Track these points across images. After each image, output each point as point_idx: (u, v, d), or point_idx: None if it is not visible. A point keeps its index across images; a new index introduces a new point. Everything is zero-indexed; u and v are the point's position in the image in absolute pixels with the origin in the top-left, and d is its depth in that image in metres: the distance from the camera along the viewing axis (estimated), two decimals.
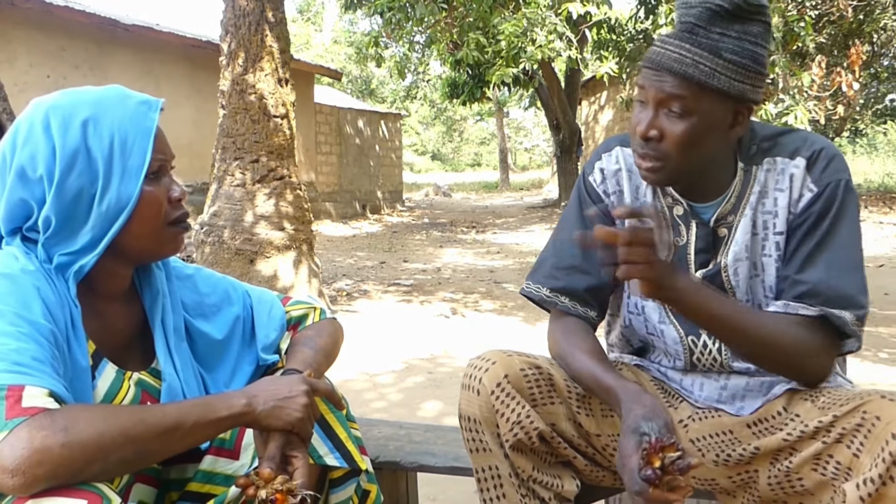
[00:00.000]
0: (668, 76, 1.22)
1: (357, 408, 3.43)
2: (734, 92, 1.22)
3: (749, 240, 1.33)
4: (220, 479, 1.25)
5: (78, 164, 1.06)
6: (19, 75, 8.33)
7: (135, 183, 1.08)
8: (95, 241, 1.08)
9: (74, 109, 1.07)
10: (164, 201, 1.13)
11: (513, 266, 8.63)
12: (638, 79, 1.29)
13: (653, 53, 1.25)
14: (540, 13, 9.41)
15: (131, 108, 1.11)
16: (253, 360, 1.37)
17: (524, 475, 1.33)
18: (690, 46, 1.21)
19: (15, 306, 0.98)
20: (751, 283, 1.34)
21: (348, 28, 32.40)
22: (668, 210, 1.39)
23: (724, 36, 1.21)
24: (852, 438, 1.14)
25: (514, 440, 1.30)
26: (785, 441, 1.25)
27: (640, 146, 1.28)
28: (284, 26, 5.64)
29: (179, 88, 10.62)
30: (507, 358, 1.35)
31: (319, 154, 14.69)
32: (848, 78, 8.24)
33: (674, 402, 1.46)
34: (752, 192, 1.33)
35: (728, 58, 1.20)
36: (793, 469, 1.25)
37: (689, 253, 1.37)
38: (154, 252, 1.18)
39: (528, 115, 39.87)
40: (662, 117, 1.24)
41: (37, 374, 0.93)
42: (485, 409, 1.31)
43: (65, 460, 0.88)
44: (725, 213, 1.34)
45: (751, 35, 1.22)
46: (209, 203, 5.56)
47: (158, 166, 1.13)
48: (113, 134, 1.07)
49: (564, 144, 16.05)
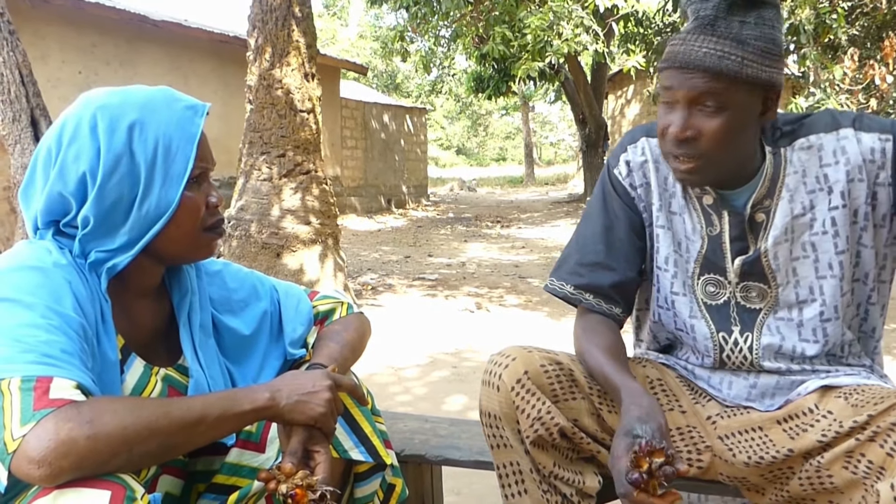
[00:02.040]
0: (698, 73, 1.20)
1: (382, 401, 3.44)
2: (764, 79, 1.20)
3: (791, 222, 1.30)
4: (246, 471, 1.26)
5: (121, 168, 1.06)
6: (52, 72, 8.46)
7: (176, 189, 1.09)
8: (132, 243, 1.09)
9: (122, 111, 1.07)
10: (203, 207, 1.14)
11: (538, 261, 8.59)
12: (661, 81, 1.27)
13: (676, 52, 1.22)
14: (566, 6, 9.34)
15: (178, 113, 1.11)
16: (280, 355, 1.37)
17: (545, 471, 1.32)
18: (716, 39, 1.19)
19: (46, 299, 0.99)
20: (794, 265, 1.31)
21: (374, 23, 32.43)
22: (697, 200, 1.36)
23: (744, 24, 1.20)
24: (886, 437, 1.12)
25: (534, 436, 1.29)
26: (819, 442, 1.23)
27: (674, 148, 1.25)
28: (311, 21, 5.65)
29: (207, 83, 10.71)
30: (527, 354, 1.34)
31: (345, 148, 14.74)
32: (881, 71, 8.07)
33: (701, 399, 1.44)
34: (788, 174, 1.30)
35: (753, 45, 1.19)
36: (823, 465, 1.23)
37: (723, 242, 1.34)
38: (188, 256, 1.18)
39: (553, 110, 39.72)
40: (696, 115, 1.22)
41: (65, 367, 0.94)
42: (505, 406, 1.31)
43: (90, 452, 0.89)
44: (761, 198, 1.31)
45: (767, 19, 1.21)
46: (236, 197, 5.61)
47: (199, 173, 1.13)
48: (158, 139, 1.08)
49: (590, 139, 15.94)
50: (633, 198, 1.43)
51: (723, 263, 1.35)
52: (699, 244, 1.37)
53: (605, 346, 1.35)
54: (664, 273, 1.42)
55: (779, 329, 1.33)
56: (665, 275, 1.42)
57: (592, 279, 1.42)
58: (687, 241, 1.38)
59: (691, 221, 1.37)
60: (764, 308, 1.34)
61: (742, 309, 1.36)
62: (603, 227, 1.44)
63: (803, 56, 7.83)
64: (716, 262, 1.35)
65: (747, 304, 1.35)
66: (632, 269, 1.43)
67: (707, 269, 1.37)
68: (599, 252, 1.42)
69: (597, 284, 1.42)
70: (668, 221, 1.40)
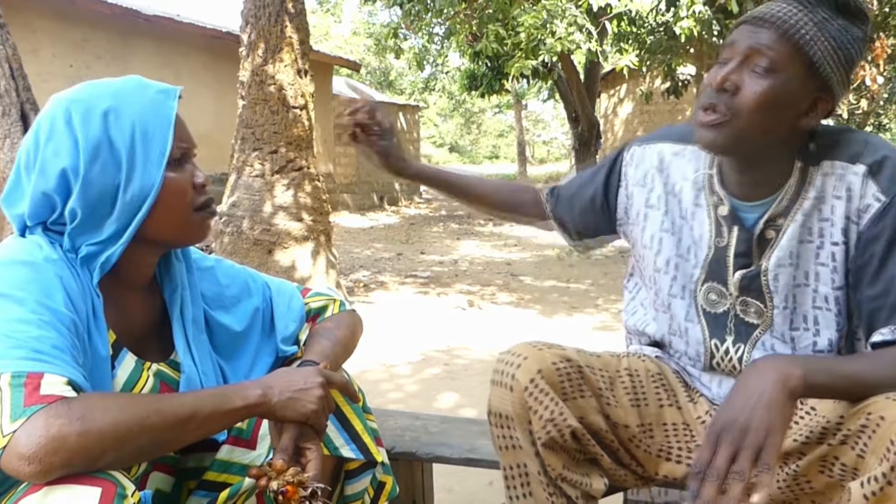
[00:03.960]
0: (767, 29, 1.18)
1: (374, 398, 3.43)
2: (823, 71, 1.18)
3: (797, 246, 1.27)
4: (237, 468, 1.26)
5: (101, 156, 1.06)
6: (43, 66, 8.40)
7: (157, 170, 1.09)
8: (121, 231, 1.08)
9: (95, 101, 1.08)
10: (189, 187, 1.14)
11: (530, 259, 8.60)
12: (727, 41, 1.24)
13: (757, 11, 1.21)
14: (560, 5, 9.33)
15: (150, 97, 1.11)
16: (272, 352, 1.37)
17: (553, 473, 1.30)
18: (798, 12, 1.18)
19: (37, 294, 0.98)
20: (795, 292, 1.29)
21: (367, 19, 32.37)
22: (713, 209, 1.35)
23: (829, 21, 1.19)
24: (856, 440, 1.11)
25: (546, 438, 1.27)
26: (794, 442, 1.23)
27: (708, 97, 1.22)
28: (304, 17, 5.64)
29: (199, 79, 10.67)
30: (538, 352, 1.31)
31: (338, 145, 14.70)
32: (872, 72, 8.12)
33: (693, 396, 1.44)
34: (807, 197, 1.26)
35: (829, 37, 1.17)
36: (800, 472, 1.23)
37: (727, 255, 1.33)
38: (183, 238, 1.18)
39: (546, 108, 39.74)
40: (745, 72, 1.19)
41: (56, 363, 0.94)
42: (518, 406, 1.28)
43: (80, 449, 0.89)
44: (776, 215, 1.28)
45: (852, 35, 1.19)
46: (228, 193, 5.59)
47: (181, 153, 1.13)
48: (133, 123, 1.08)
49: (583, 137, 15.92)
50: (619, 188, 1.48)
51: (725, 275, 1.34)
52: (706, 252, 1.36)
53: None
54: (664, 275, 1.42)
55: (773, 347, 1.32)
56: (665, 277, 1.41)
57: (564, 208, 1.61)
58: (695, 248, 1.38)
59: (701, 229, 1.36)
60: (761, 326, 1.33)
61: (740, 321, 1.35)
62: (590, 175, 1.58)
63: None
64: (719, 272, 1.35)
65: (746, 318, 1.34)
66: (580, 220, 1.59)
67: (711, 278, 1.36)
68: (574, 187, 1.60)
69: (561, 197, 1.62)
70: (674, 227, 1.40)
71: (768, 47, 1.17)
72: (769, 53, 1.17)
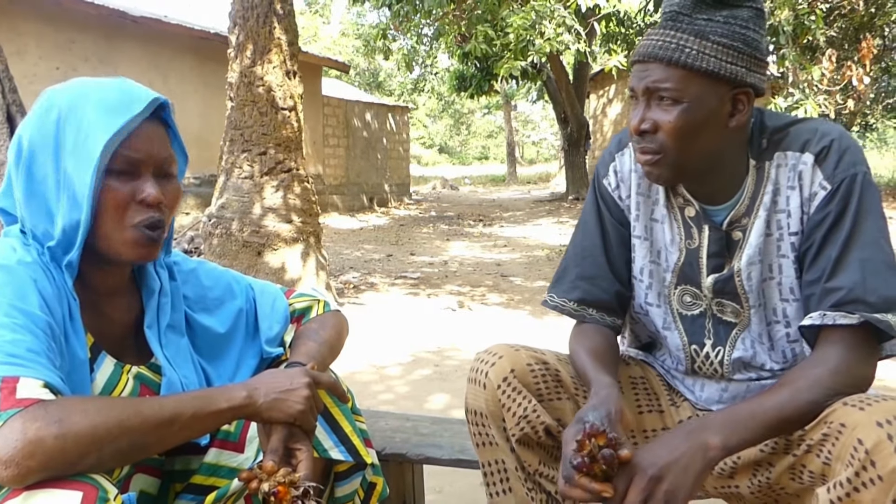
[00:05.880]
0: (653, 65, 1.20)
1: (364, 400, 3.42)
2: (725, 74, 1.18)
3: (762, 242, 1.27)
4: (225, 471, 1.25)
5: (47, 145, 1.07)
6: (29, 67, 8.34)
7: (87, 172, 1.04)
8: (71, 232, 1.06)
9: (59, 97, 1.09)
10: (130, 201, 1.08)
11: (520, 259, 8.61)
12: (630, 82, 1.26)
13: (638, 48, 1.23)
14: (548, 6, 9.35)
15: (113, 102, 1.07)
16: (257, 354, 1.36)
17: (530, 469, 1.32)
18: (675, 32, 1.19)
19: (11, 297, 0.97)
20: (764, 287, 1.29)
21: (356, 20, 32.35)
22: (680, 211, 1.35)
23: (711, 21, 1.19)
24: (820, 448, 1.11)
25: (520, 434, 1.29)
26: (761, 452, 1.24)
27: (637, 142, 1.25)
28: (292, 18, 5.63)
29: (187, 80, 10.63)
30: (514, 352, 1.33)
31: (327, 147, 14.69)
32: (859, 72, 8.16)
33: (677, 399, 1.45)
34: (766, 192, 1.26)
35: (715, 40, 1.17)
36: (773, 480, 1.23)
37: (700, 257, 1.32)
38: (121, 253, 1.10)
39: (535, 109, 39.83)
40: (654, 109, 1.21)
41: (32, 366, 0.92)
42: (491, 403, 1.30)
43: (58, 452, 0.87)
44: (739, 216, 1.29)
45: (740, 19, 1.19)
46: (217, 195, 5.57)
47: (129, 165, 1.08)
48: (81, 123, 1.06)
49: (572, 138, 15.99)
50: (622, 210, 1.41)
51: (698, 278, 1.33)
52: (677, 255, 1.35)
53: (590, 347, 1.34)
54: (639, 283, 1.41)
55: (752, 345, 1.33)
56: (640, 285, 1.41)
57: (594, 294, 1.41)
58: (666, 252, 1.37)
59: (671, 232, 1.36)
60: (739, 325, 1.33)
61: (718, 321, 1.34)
62: (601, 239, 1.42)
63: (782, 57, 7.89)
64: (692, 275, 1.34)
65: (723, 316, 1.34)
66: (625, 281, 1.43)
67: (683, 281, 1.35)
68: (601, 265, 1.41)
69: (598, 298, 1.41)
70: (647, 231, 1.39)
71: (662, 81, 1.19)
72: (665, 86, 1.19)
